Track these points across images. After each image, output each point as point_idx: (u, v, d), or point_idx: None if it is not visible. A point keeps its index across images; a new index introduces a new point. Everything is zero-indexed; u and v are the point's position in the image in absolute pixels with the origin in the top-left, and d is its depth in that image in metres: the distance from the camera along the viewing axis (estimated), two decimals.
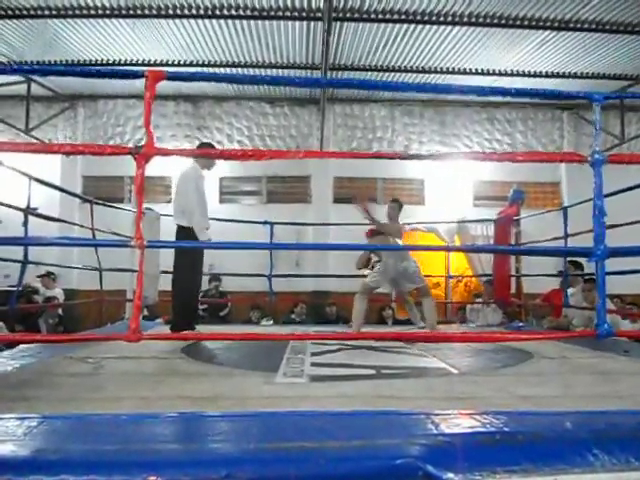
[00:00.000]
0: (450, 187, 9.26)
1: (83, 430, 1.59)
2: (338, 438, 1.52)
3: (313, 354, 3.41)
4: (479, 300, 7.55)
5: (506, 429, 1.63)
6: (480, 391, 2.39)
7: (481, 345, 3.89)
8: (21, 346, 3.57)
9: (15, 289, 4.33)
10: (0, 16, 6.76)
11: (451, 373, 2.92)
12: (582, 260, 5.59)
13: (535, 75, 8.19)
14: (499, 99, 9.19)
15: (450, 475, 1.40)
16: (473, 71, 8.15)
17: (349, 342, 3.88)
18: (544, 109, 9.66)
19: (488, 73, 8.15)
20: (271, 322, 7.18)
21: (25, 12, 6.69)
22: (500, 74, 8.17)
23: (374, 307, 8.18)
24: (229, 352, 3.61)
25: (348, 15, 6.66)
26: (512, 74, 8.17)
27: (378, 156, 2.30)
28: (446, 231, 8.82)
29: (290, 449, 1.42)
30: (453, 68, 8.12)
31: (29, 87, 8.61)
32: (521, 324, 5.96)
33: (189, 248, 4.00)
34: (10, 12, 6.69)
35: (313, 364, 3.06)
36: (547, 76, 8.21)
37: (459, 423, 1.72)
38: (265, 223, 6.20)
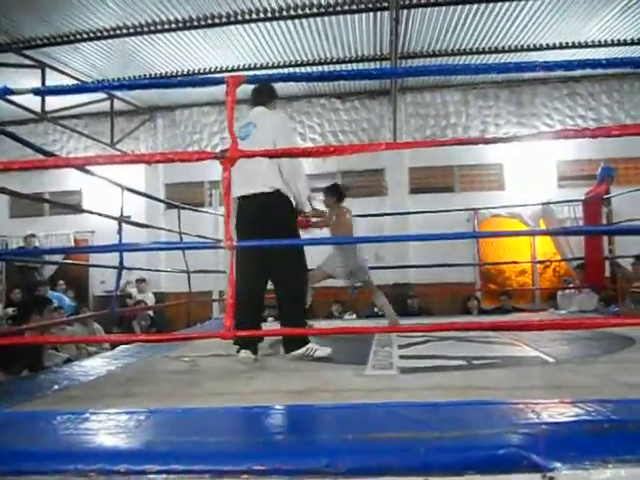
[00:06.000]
0: (531, 169, 8.86)
1: (187, 423, 1.66)
2: (436, 428, 1.50)
3: (400, 346, 3.39)
4: (570, 285, 7.21)
5: (615, 417, 1.55)
6: (581, 379, 2.28)
7: (576, 332, 3.70)
8: (121, 347, 3.80)
9: (113, 294, 4.61)
10: (83, 39, 7.20)
11: (547, 362, 2.80)
12: None
13: (619, 44, 7.67)
14: (579, 73, 8.71)
15: (557, 464, 1.34)
16: (550, 46, 7.76)
17: (436, 333, 3.82)
18: (630, 79, 9.03)
19: (567, 46, 7.74)
20: (354, 316, 7.21)
21: (105, 33, 7.08)
22: (580, 46, 7.73)
23: (458, 298, 8.03)
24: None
25: (415, 1, 6.54)
26: (593, 45, 7.71)
27: (459, 142, 2.23)
28: (530, 215, 8.50)
29: (389, 439, 1.42)
30: (528, 45, 7.77)
31: (112, 103, 9.13)
32: (617, 309, 5.63)
33: None
34: (92, 34, 7.11)
35: (401, 356, 3.03)
36: (632, 44, 7.66)
37: (562, 412, 1.65)
38: None
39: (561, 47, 7.75)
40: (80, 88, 4.52)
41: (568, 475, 1.34)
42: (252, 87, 3.36)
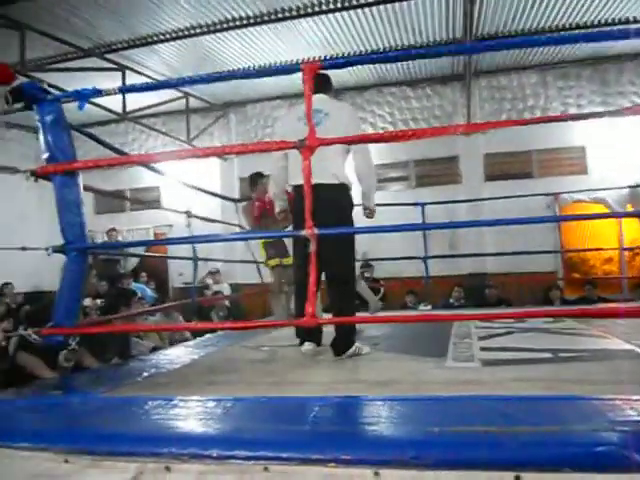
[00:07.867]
0: (617, 151, 8.34)
1: (272, 411, 1.69)
2: (526, 423, 1.45)
3: (480, 338, 3.29)
4: None
5: None
6: None
7: None
8: (206, 336, 3.94)
9: (192, 285, 4.79)
10: (160, 40, 7.46)
11: None
12: None
13: None
14: None
15: None
16: (638, 19, 7.25)
17: (518, 325, 3.69)
18: None
19: None
20: (429, 307, 7.09)
21: (180, 33, 7.29)
22: None
23: (538, 288, 7.72)
24: (392, 339, 3.57)
25: None
26: None
27: (540, 120, 2.13)
28: (616, 200, 8.02)
29: (477, 433, 1.38)
30: (613, 19, 7.29)
31: (187, 101, 9.43)
32: None
33: None
34: (167, 35, 7.35)
35: (482, 348, 2.94)
36: None
37: None
38: (416, 204, 6.13)
39: None
40: (159, 85, 4.74)
41: None
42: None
